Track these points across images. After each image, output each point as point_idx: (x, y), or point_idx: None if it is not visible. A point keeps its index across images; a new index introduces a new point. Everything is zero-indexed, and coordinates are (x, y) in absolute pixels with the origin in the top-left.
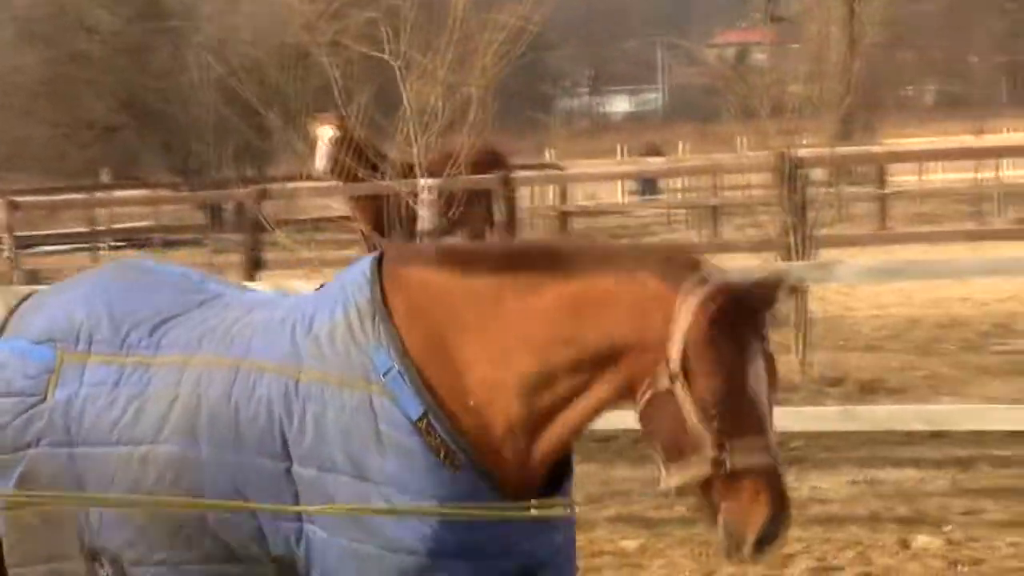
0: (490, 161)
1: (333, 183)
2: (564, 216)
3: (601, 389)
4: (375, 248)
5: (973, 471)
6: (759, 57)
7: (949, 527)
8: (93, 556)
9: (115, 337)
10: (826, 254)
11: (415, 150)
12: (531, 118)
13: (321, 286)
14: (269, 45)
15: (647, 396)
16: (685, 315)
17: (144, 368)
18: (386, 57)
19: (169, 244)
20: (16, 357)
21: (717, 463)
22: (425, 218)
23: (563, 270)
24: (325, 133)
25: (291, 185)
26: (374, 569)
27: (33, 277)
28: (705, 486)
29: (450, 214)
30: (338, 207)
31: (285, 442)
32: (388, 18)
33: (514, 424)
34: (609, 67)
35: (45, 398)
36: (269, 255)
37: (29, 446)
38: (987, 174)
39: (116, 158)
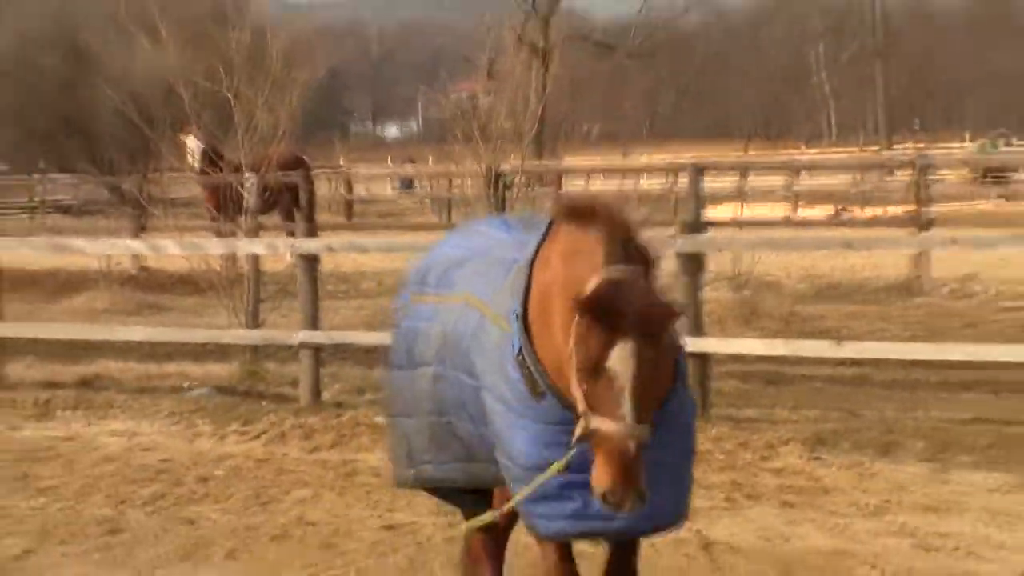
0: (296, 163)
1: (191, 175)
2: (349, 203)
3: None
4: (216, 220)
5: None
6: (486, 99)
7: None
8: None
9: (438, 279)
10: None
11: (242, 154)
12: (329, 137)
13: None
14: (150, 80)
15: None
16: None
17: (441, 305)
18: (223, 90)
19: (84, 212)
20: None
21: (583, 418)
22: (249, 201)
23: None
24: (193, 142)
25: (166, 175)
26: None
27: None
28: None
29: (266, 199)
30: (196, 191)
31: (473, 364)
32: (223, 62)
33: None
34: (385, 104)
35: (398, 327)
36: (150, 223)
37: (415, 364)
38: (630, 183)
39: (52, 156)
